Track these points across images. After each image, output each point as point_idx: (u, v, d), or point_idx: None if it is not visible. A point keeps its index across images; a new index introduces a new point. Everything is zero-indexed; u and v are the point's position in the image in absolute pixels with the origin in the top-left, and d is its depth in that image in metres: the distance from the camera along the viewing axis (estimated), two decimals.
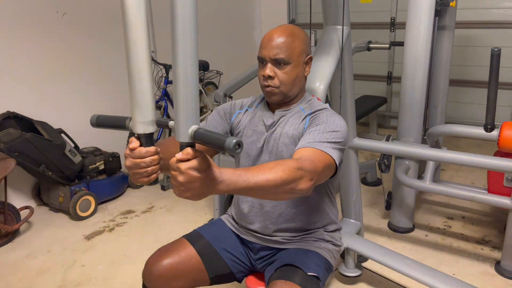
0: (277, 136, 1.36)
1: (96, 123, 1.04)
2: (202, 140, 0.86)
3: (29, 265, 2.41)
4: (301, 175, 1.04)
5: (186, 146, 0.89)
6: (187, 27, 0.83)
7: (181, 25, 0.83)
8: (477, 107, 4.29)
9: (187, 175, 0.88)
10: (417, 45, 2.31)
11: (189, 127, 0.87)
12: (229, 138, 0.82)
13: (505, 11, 3.97)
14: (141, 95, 0.92)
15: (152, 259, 1.37)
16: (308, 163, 1.10)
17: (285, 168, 1.02)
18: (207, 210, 3.01)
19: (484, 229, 2.63)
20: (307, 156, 1.14)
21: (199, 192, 0.91)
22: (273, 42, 1.30)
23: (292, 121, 1.36)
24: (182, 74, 0.85)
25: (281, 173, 1.00)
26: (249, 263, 1.49)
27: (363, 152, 3.92)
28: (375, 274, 2.21)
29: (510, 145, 2.03)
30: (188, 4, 0.82)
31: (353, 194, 2.20)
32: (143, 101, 0.93)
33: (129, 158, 0.97)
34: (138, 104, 0.93)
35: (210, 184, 0.91)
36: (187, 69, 0.85)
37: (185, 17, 0.83)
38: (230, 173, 0.95)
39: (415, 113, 2.40)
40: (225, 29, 4.74)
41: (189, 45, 0.84)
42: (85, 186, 3.00)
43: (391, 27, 4.55)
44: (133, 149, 0.96)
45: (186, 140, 0.88)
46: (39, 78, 3.08)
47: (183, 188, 0.90)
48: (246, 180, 0.96)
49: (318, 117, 1.31)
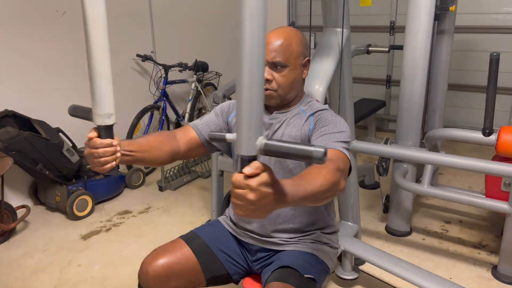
0: (279, 137, 1.36)
1: (71, 113, 1.14)
2: (277, 153, 0.78)
3: (25, 264, 2.40)
4: (340, 175, 1.06)
5: (249, 160, 0.80)
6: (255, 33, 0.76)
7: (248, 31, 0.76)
8: (476, 111, 4.30)
9: (259, 192, 0.80)
10: (416, 49, 2.32)
11: (256, 139, 0.79)
12: (315, 148, 0.76)
13: (504, 16, 3.98)
14: (99, 89, 0.97)
15: (148, 259, 1.36)
16: (340, 163, 1.12)
17: (329, 170, 1.02)
18: (204, 211, 3.00)
19: (481, 233, 2.64)
20: (335, 156, 1.15)
21: (271, 209, 0.84)
22: (270, 45, 1.30)
23: (294, 122, 1.36)
24: (247, 83, 0.78)
25: (328, 176, 1.01)
26: (246, 265, 1.49)
27: (362, 155, 3.92)
28: (372, 277, 2.21)
29: (508, 150, 2.04)
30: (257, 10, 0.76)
31: (351, 197, 2.20)
32: (101, 94, 0.97)
33: (86, 147, 1.07)
34: (96, 97, 0.98)
35: (279, 198, 0.85)
36: (252, 78, 0.77)
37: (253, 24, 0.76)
38: (290, 184, 0.90)
39: (414, 117, 2.40)
40: (225, 30, 4.75)
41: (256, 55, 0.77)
42: (82, 185, 2.99)
43: (390, 31, 4.56)
44: (90, 139, 1.05)
45: (253, 153, 0.80)
46: (38, 76, 3.08)
47: (253, 207, 0.81)
48: (304, 190, 0.93)
49: (323, 117, 1.31)
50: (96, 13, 0.91)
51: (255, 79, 0.77)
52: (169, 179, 3.42)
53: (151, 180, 3.56)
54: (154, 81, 3.82)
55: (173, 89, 4.05)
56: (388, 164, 2.49)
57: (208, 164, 3.71)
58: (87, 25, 0.92)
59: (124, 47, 3.64)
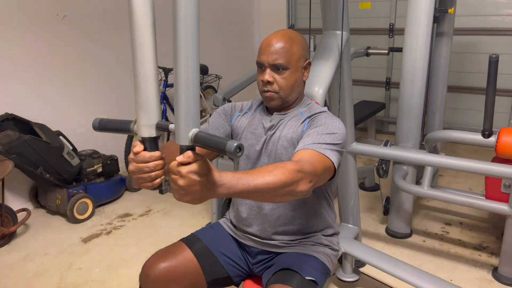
0: (276, 139, 1.36)
1: (99, 127, 1.02)
2: (202, 143, 0.85)
3: (26, 268, 2.40)
4: (301, 177, 1.05)
5: (186, 149, 0.88)
6: (188, 30, 0.83)
7: (182, 28, 0.83)
8: (475, 113, 4.31)
9: (187, 179, 0.87)
10: (416, 51, 2.32)
11: (190, 130, 0.87)
12: (230, 142, 0.82)
13: (503, 18, 3.99)
14: (147, 98, 0.92)
15: (149, 262, 1.36)
16: (308, 165, 1.10)
17: (284, 170, 1.02)
18: (204, 214, 3.00)
19: (482, 235, 2.64)
20: (307, 158, 1.14)
21: (199, 196, 0.90)
22: (272, 47, 1.31)
23: (291, 124, 1.37)
24: (183, 77, 0.85)
25: (280, 175, 1.00)
26: (246, 267, 1.49)
27: (362, 157, 3.92)
28: (372, 279, 2.21)
29: (507, 151, 2.04)
30: (189, 7, 0.82)
31: (351, 199, 2.20)
32: (148, 104, 0.92)
33: (132, 163, 0.96)
34: (143, 107, 0.92)
35: (210, 187, 0.91)
36: (188, 72, 0.85)
37: (187, 20, 0.83)
38: (230, 177, 0.95)
39: (414, 119, 2.41)
40: (225, 33, 4.76)
41: (191, 48, 0.84)
42: (83, 188, 2.99)
43: (390, 33, 4.57)
44: (137, 153, 0.94)
45: (186, 143, 0.87)
46: (38, 80, 3.09)
47: (183, 192, 0.89)
48: (246, 183, 0.96)
49: (317, 119, 1.32)
50: (144, 16, 0.88)
51: (190, 74, 0.85)
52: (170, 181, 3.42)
53: None
54: None
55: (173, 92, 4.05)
56: (388, 166, 2.49)
57: None
58: (134, 29, 0.88)
59: (124, 50, 3.65)
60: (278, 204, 1.38)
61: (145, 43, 0.89)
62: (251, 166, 1.40)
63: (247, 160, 1.41)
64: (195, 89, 0.86)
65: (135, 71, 0.90)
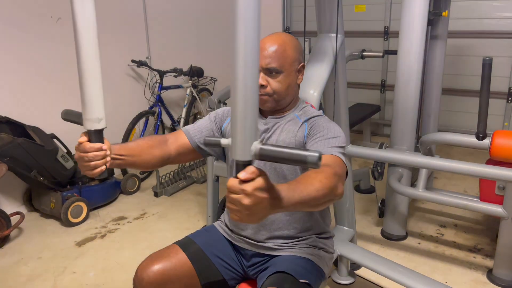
0: (273, 143, 1.36)
1: (63, 117, 1.14)
2: (272, 158, 0.78)
3: (19, 272, 2.38)
4: (337, 180, 1.05)
5: (245, 165, 0.80)
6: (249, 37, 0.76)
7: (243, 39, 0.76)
8: (469, 115, 4.33)
9: (254, 197, 0.80)
10: (410, 54, 2.34)
11: (251, 144, 0.79)
12: (310, 152, 0.76)
13: (496, 21, 4.02)
14: (90, 94, 0.99)
15: (143, 265, 1.36)
16: (337, 168, 1.11)
17: (326, 175, 1.02)
18: (200, 217, 2.99)
19: (477, 237, 2.64)
20: (331, 161, 1.15)
21: (265, 214, 0.84)
22: (265, 51, 1.31)
23: (288, 128, 1.36)
24: (241, 88, 0.78)
25: (325, 180, 1.00)
26: (241, 270, 1.48)
27: (357, 160, 3.93)
28: (368, 281, 2.21)
29: (501, 154, 2.05)
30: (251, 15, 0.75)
31: (347, 201, 2.20)
32: (91, 99, 0.99)
33: (76, 151, 1.08)
34: (87, 101, 1.00)
35: (274, 203, 0.85)
36: (247, 83, 0.77)
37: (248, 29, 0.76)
38: (286, 189, 0.90)
39: (408, 121, 2.42)
40: (220, 35, 4.76)
41: (251, 60, 0.77)
42: (77, 192, 2.98)
43: (384, 36, 4.59)
44: (80, 144, 1.06)
45: (248, 158, 0.79)
46: (32, 83, 3.07)
47: (248, 212, 0.81)
48: (300, 194, 0.93)
49: (317, 123, 1.32)
50: (86, 17, 0.93)
51: (250, 84, 0.77)
52: (165, 184, 3.41)
53: (147, 186, 3.55)
54: (149, 87, 3.82)
55: (168, 94, 4.05)
56: (383, 168, 2.49)
57: (204, 169, 3.70)
58: (77, 29, 0.94)
59: (119, 53, 3.64)
60: None
61: (88, 44, 0.95)
62: None
63: None
64: (254, 100, 0.79)
65: (79, 68, 0.97)
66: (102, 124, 1.04)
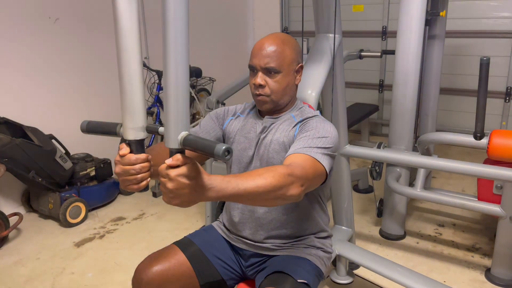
0: (268, 143, 1.36)
1: (87, 129, 1.04)
2: (191, 146, 0.85)
3: (18, 273, 2.38)
4: (292, 181, 1.04)
5: (176, 152, 0.88)
6: (178, 32, 0.83)
7: (172, 30, 0.83)
8: (467, 115, 4.34)
9: (176, 182, 0.87)
10: (408, 53, 2.34)
11: (179, 133, 0.87)
12: (218, 145, 0.82)
13: (494, 21, 4.03)
14: (132, 101, 0.92)
15: (141, 265, 1.36)
16: (299, 169, 1.10)
17: (275, 174, 1.02)
18: (198, 217, 2.99)
19: (475, 236, 2.65)
20: (298, 162, 1.14)
21: (188, 199, 0.90)
22: (264, 51, 1.31)
23: (282, 128, 1.37)
24: (172, 80, 0.85)
25: (271, 178, 1.00)
26: (240, 270, 1.49)
27: (355, 160, 3.94)
28: (366, 281, 2.21)
29: (499, 153, 2.06)
30: (179, 10, 0.83)
31: (345, 201, 2.20)
32: (134, 107, 0.92)
33: (118, 165, 0.96)
34: (129, 110, 0.93)
35: (200, 191, 0.90)
36: (178, 75, 0.85)
37: (177, 22, 0.83)
38: (220, 180, 0.94)
39: (406, 121, 2.42)
40: (218, 36, 4.76)
41: (180, 51, 0.84)
42: (76, 192, 2.97)
43: (382, 36, 4.60)
44: (123, 156, 0.95)
45: (176, 146, 0.87)
46: (30, 83, 3.07)
47: (172, 195, 0.89)
48: (236, 187, 0.96)
49: (308, 123, 1.32)
50: (129, 24, 0.88)
51: (180, 78, 0.85)
52: None
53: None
54: (147, 87, 3.81)
55: None
56: (381, 168, 2.50)
57: None
58: (119, 36, 0.89)
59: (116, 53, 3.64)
60: (271, 208, 1.38)
61: (130, 46, 0.89)
62: (243, 170, 1.40)
63: (239, 163, 1.41)
64: (184, 92, 0.86)
65: (121, 74, 0.91)
66: (145, 132, 0.96)
